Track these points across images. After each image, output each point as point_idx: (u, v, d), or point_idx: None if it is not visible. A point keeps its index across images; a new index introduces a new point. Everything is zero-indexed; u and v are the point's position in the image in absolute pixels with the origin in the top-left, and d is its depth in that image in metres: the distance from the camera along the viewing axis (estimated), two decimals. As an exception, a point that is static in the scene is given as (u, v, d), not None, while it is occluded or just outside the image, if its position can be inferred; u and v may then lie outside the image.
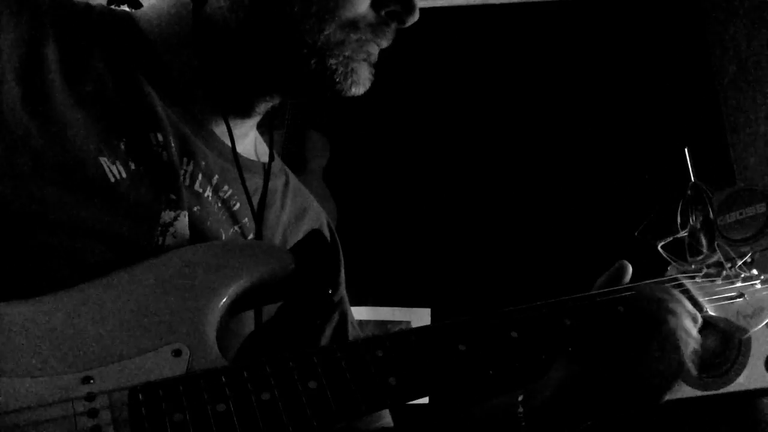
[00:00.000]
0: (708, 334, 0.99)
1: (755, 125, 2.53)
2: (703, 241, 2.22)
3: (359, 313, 2.67)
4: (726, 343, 1.05)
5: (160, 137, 0.79)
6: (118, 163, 0.75)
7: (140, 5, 2.13)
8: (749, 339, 1.88)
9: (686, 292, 0.92)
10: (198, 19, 0.81)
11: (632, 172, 2.69)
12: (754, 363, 1.88)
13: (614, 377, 0.84)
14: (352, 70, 0.82)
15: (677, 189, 2.36)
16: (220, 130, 0.88)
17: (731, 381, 1.92)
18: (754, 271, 1.03)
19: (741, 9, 2.63)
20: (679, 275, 0.96)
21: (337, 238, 1.07)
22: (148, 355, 0.66)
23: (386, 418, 0.98)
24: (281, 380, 0.65)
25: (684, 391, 2.00)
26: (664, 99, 2.75)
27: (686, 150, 2.38)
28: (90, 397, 0.61)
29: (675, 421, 2.13)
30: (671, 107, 2.73)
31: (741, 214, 2.05)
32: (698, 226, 2.25)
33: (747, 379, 1.90)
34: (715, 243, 1.91)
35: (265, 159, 0.97)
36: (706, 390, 1.97)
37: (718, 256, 1.10)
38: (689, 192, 2.31)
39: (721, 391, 1.94)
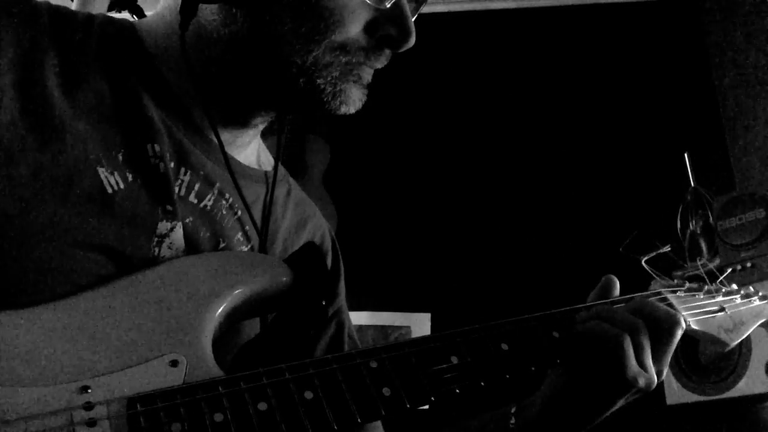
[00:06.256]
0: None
1: (755, 130, 2.54)
2: (703, 246, 2.23)
3: (359, 318, 2.67)
4: (726, 349, 1.07)
5: (157, 148, 0.79)
6: (116, 173, 0.75)
7: (142, 12, 2.14)
8: (750, 345, 1.88)
9: (669, 306, 0.94)
10: (185, 32, 0.81)
11: (633, 176, 2.69)
12: (755, 368, 1.88)
13: (600, 389, 0.85)
14: (341, 90, 0.82)
15: (677, 193, 2.37)
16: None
17: (732, 386, 1.92)
18: (734, 286, 1.06)
19: (740, 15, 2.64)
20: (662, 289, 0.99)
21: (338, 248, 1.07)
22: (145, 366, 0.66)
23: (378, 429, 0.99)
24: (278, 391, 0.65)
25: (686, 396, 2.01)
26: (664, 104, 2.75)
27: (686, 155, 2.39)
28: (88, 406, 0.61)
29: (677, 425, 2.13)
30: (671, 112, 2.74)
31: (741, 219, 2.05)
32: (698, 230, 2.26)
33: (747, 384, 1.90)
34: (698, 259, 1.92)
35: (268, 168, 0.97)
36: (707, 395, 1.97)
37: (700, 271, 1.13)
38: (689, 197, 2.32)
39: (723, 396, 1.94)
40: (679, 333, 0.87)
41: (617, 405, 0.86)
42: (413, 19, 0.84)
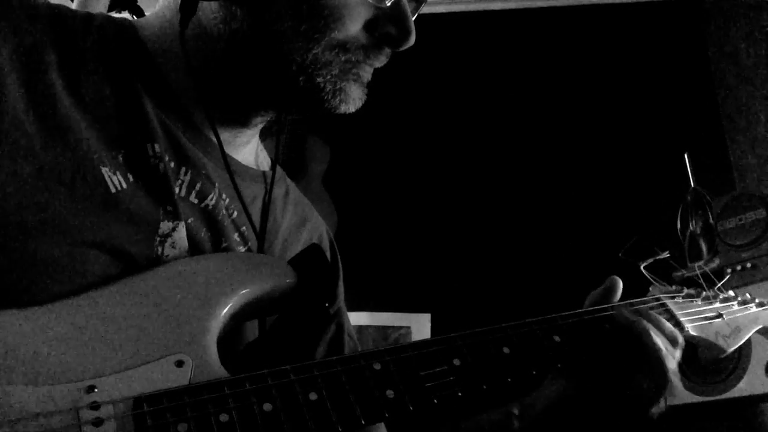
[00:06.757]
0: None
1: (755, 130, 2.54)
2: (704, 246, 2.23)
3: (359, 318, 2.67)
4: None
5: (156, 148, 0.79)
6: (118, 173, 0.75)
7: (142, 12, 2.14)
8: (749, 345, 1.88)
9: (668, 312, 0.96)
10: (184, 29, 0.81)
11: (633, 177, 2.69)
12: (755, 369, 1.88)
13: (602, 391, 0.87)
14: (341, 89, 0.82)
15: (677, 194, 2.37)
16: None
17: (732, 387, 1.92)
18: (731, 293, 1.07)
19: (740, 14, 2.64)
20: (660, 295, 1.00)
21: (336, 249, 1.07)
22: (150, 366, 0.66)
23: (381, 429, 0.99)
24: (283, 392, 0.66)
25: (686, 397, 2.01)
26: (664, 104, 2.76)
27: (686, 155, 2.39)
28: (94, 406, 0.61)
29: (677, 427, 2.13)
30: (671, 113, 2.74)
31: (741, 219, 2.05)
32: (698, 231, 2.26)
33: (747, 385, 1.90)
34: (696, 265, 1.93)
35: (265, 168, 0.97)
36: (707, 396, 1.97)
37: (695, 272, 1.15)
38: (689, 197, 2.32)
39: (722, 396, 1.94)
40: (679, 352, 0.88)
41: (629, 419, 0.87)
42: (413, 19, 0.84)
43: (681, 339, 0.90)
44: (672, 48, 2.82)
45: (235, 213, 0.87)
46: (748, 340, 1.88)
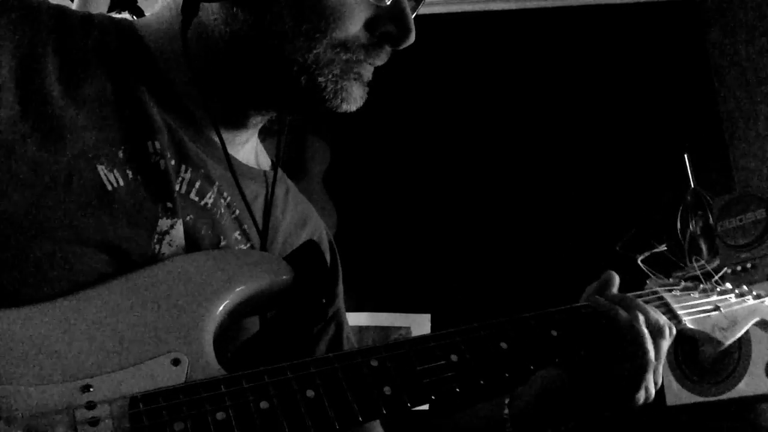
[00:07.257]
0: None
1: (755, 130, 2.54)
2: (703, 247, 2.23)
3: (359, 319, 2.66)
4: (725, 350, 1.08)
5: (157, 145, 0.79)
6: (115, 170, 0.75)
7: (141, 12, 2.14)
8: (749, 345, 1.88)
9: (665, 305, 0.97)
10: (186, 31, 0.81)
11: (632, 177, 2.69)
12: (755, 369, 1.88)
13: (590, 380, 0.88)
14: (342, 88, 0.82)
15: (677, 195, 2.37)
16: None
17: (732, 387, 1.92)
18: (728, 285, 1.07)
19: (740, 15, 2.64)
20: (658, 288, 1.00)
21: (336, 250, 1.07)
22: (146, 364, 0.66)
23: (378, 427, 0.99)
24: (280, 389, 0.65)
25: (686, 397, 2.01)
26: (664, 105, 2.75)
27: (686, 156, 2.39)
28: (90, 405, 0.61)
29: (677, 426, 2.13)
30: (671, 113, 2.74)
31: (741, 220, 2.05)
32: (698, 231, 2.26)
33: (747, 385, 1.90)
34: (692, 258, 1.93)
35: (265, 167, 0.97)
36: (707, 396, 1.97)
37: (695, 271, 1.16)
38: (689, 198, 2.32)
39: (722, 396, 1.94)
40: (667, 344, 0.89)
41: (613, 406, 0.88)
42: (413, 17, 0.85)
43: (674, 329, 0.91)
44: (672, 49, 2.82)
45: (238, 211, 0.87)
46: (749, 341, 1.88)
